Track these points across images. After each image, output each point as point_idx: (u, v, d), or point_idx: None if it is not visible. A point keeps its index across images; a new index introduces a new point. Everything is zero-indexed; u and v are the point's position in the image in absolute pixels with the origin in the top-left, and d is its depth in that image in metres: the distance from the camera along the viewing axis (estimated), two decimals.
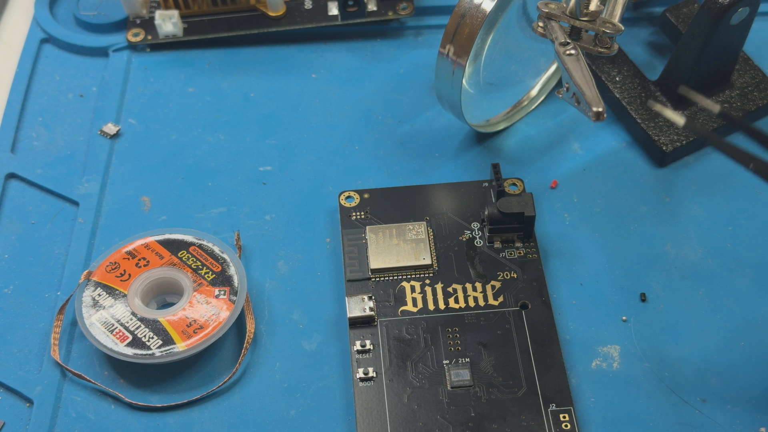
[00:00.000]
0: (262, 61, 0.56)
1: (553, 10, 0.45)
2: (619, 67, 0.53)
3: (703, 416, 0.41)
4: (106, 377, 0.43)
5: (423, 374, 0.42)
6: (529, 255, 0.46)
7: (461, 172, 0.51)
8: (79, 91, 0.55)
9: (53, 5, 0.59)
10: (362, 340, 0.43)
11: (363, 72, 0.56)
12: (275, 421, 0.42)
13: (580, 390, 0.42)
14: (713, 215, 0.48)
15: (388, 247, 0.46)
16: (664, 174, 0.50)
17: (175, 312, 0.44)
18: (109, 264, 0.45)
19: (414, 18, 0.57)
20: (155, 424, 0.42)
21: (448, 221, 0.48)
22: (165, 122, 0.53)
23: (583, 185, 0.50)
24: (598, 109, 0.42)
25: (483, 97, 0.51)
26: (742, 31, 0.49)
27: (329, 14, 0.57)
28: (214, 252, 0.46)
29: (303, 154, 0.52)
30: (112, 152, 0.52)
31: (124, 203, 0.50)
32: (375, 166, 0.51)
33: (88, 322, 0.43)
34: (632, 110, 0.51)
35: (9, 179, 0.51)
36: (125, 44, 0.57)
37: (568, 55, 0.43)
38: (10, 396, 0.43)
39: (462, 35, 0.45)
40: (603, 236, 0.48)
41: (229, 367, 0.44)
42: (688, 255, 0.47)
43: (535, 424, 0.40)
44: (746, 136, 0.39)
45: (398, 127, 0.53)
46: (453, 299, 0.45)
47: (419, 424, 0.41)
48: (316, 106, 0.54)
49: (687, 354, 0.43)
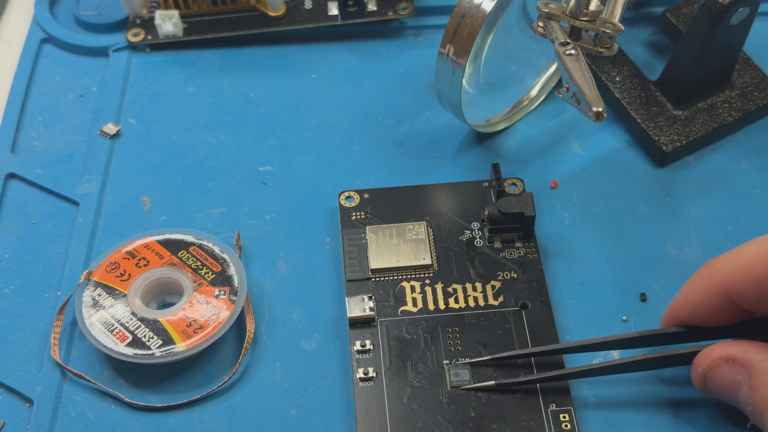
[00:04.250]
0: (262, 61, 0.56)
1: (553, 10, 0.45)
2: (619, 67, 0.53)
3: (703, 416, 0.41)
4: (106, 377, 0.43)
5: (423, 374, 0.42)
6: (529, 255, 0.46)
7: (461, 172, 0.51)
8: (79, 91, 0.55)
9: (53, 5, 0.59)
10: (362, 340, 0.43)
11: (363, 72, 0.56)
12: (275, 421, 0.42)
13: (580, 390, 0.42)
14: (713, 215, 0.48)
15: (388, 247, 0.46)
16: (664, 174, 0.50)
17: (175, 312, 0.44)
18: (109, 264, 0.45)
19: (414, 18, 0.57)
20: (155, 424, 0.42)
21: (448, 221, 0.48)
22: (165, 122, 0.53)
23: (583, 185, 0.50)
24: (598, 109, 0.42)
25: (483, 97, 0.51)
26: (742, 31, 0.49)
27: (329, 14, 0.57)
28: (214, 252, 0.46)
29: (303, 154, 0.52)
30: (112, 152, 0.52)
31: (124, 203, 0.50)
32: (375, 166, 0.51)
33: (88, 322, 0.43)
34: (632, 110, 0.51)
35: (9, 179, 0.51)
36: (125, 44, 0.57)
37: (568, 55, 0.43)
38: (10, 396, 0.43)
39: (462, 35, 0.45)
40: (603, 236, 0.48)
41: (229, 367, 0.44)
42: (688, 255, 0.47)
43: (535, 424, 0.40)
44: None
45: (398, 127, 0.53)
46: (453, 299, 0.45)
47: (419, 424, 0.41)
48: (316, 106, 0.54)
49: None
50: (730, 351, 0.38)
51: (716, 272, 0.38)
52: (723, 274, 0.37)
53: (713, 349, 0.38)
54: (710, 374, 0.38)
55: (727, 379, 0.38)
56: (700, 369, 0.39)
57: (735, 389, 0.37)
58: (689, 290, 0.39)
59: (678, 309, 0.40)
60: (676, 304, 0.40)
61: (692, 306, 0.39)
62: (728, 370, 0.37)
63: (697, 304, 0.39)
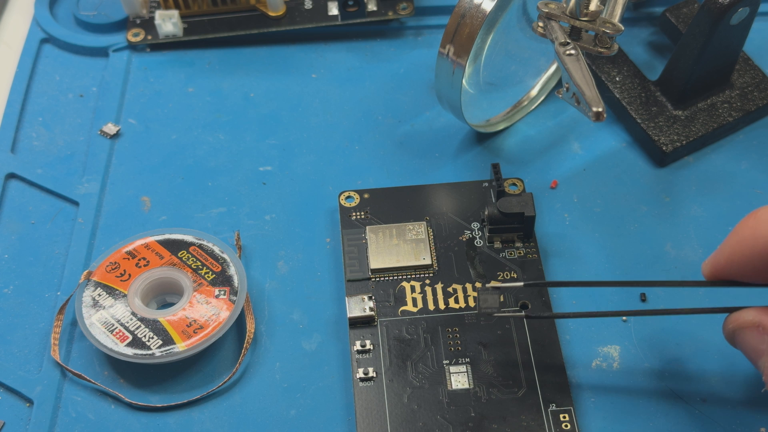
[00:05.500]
0: (262, 61, 0.56)
1: (553, 10, 0.45)
2: (619, 67, 0.53)
3: (703, 416, 0.42)
4: (106, 377, 0.43)
5: (423, 374, 0.42)
6: (529, 255, 0.46)
7: (461, 172, 0.51)
8: (79, 91, 0.55)
9: (53, 5, 0.59)
10: (362, 340, 0.43)
11: (363, 72, 0.56)
12: (275, 421, 0.42)
13: (580, 390, 0.42)
14: (713, 215, 0.48)
15: (388, 247, 0.46)
16: (664, 174, 0.50)
17: (175, 312, 0.44)
18: (109, 264, 0.45)
19: (414, 18, 0.57)
20: (155, 424, 0.42)
21: (448, 221, 0.48)
22: (165, 122, 0.53)
23: (583, 185, 0.50)
24: (598, 109, 0.42)
25: (483, 97, 0.51)
26: (742, 31, 0.49)
27: (329, 14, 0.57)
28: (214, 252, 0.46)
29: (303, 154, 0.52)
30: (112, 152, 0.52)
31: (124, 203, 0.50)
32: (375, 166, 0.51)
33: (88, 322, 0.43)
34: (632, 110, 0.51)
35: (9, 179, 0.51)
36: (125, 44, 0.57)
37: (568, 55, 0.43)
38: (10, 396, 0.43)
39: (462, 35, 0.45)
40: (603, 236, 0.48)
41: (229, 367, 0.44)
42: (688, 255, 0.47)
43: (535, 424, 0.40)
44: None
45: (398, 127, 0.53)
46: (453, 299, 0.45)
47: (419, 424, 0.41)
48: (316, 106, 0.54)
49: (687, 354, 0.43)
50: (762, 319, 0.38)
51: (759, 236, 0.37)
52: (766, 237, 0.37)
53: (747, 312, 0.39)
54: (738, 333, 0.39)
55: (752, 344, 0.38)
56: (730, 326, 0.39)
57: (757, 355, 0.38)
58: (732, 250, 0.39)
59: (721, 268, 0.39)
60: (719, 263, 0.39)
61: (737, 266, 0.39)
62: (755, 336, 0.38)
63: (742, 266, 0.38)
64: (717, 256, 0.40)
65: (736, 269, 0.39)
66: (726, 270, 0.39)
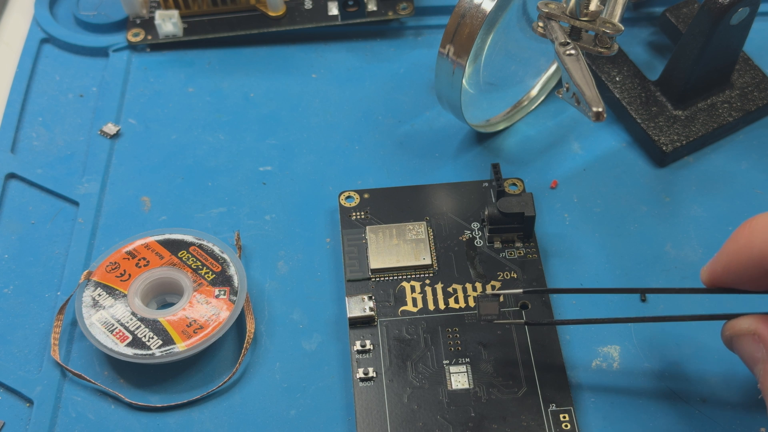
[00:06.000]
0: (262, 61, 0.56)
1: (553, 10, 0.45)
2: (619, 67, 0.53)
3: (703, 416, 0.42)
4: (106, 377, 0.43)
5: (423, 374, 0.42)
6: (529, 255, 0.46)
7: (461, 172, 0.51)
8: (79, 91, 0.55)
9: (53, 5, 0.59)
10: (362, 340, 0.43)
11: (363, 72, 0.56)
12: (275, 421, 0.42)
13: (580, 390, 0.42)
14: (713, 215, 0.48)
15: (388, 247, 0.46)
16: (664, 174, 0.50)
17: (175, 312, 0.44)
18: (109, 264, 0.45)
19: (414, 18, 0.57)
20: (155, 424, 0.42)
21: (448, 221, 0.48)
22: (165, 122, 0.53)
23: (583, 185, 0.50)
24: (598, 109, 0.42)
25: (483, 97, 0.51)
26: (742, 31, 0.49)
27: (329, 14, 0.57)
28: (214, 252, 0.46)
29: (303, 154, 0.52)
30: (112, 152, 0.52)
31: (124, 203, 0.50)
32: (375, 166, 0.51)
33: (88, 322, 0.43)
34: (632, 110, 0.51)
35: (9, 179, 0.51)
36: (125, 44, 0.57)
37: (568, 55, 0.43)
38: (10, 396, 0.43)
39: (462, 35, 0.45)
40: (603, 236, 0.48)
41: (229, 367, 0.44)
42: (688, 255, 0.47)
43: (535, 424, 0.40)
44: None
45: (398, 127, 0.53)
46: (453, 299, 0.45)
47: (419, 424, 0.41)
48: (316, 106, 0.54)
49: (687, 354, 0.43)
50: (757, 327, 0.38)
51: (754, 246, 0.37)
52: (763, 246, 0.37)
53: (744, 320, 0.39)
54: (735, 341, 0.39)
55: (748, 352, 0.38)
56: (727, 333, 0.39)
57: (754, 363, 0.38)
58: (728, 260, 0.39)
59: (719, 276, 0.40)
60: (716, 271, 0.40)
61: (734, 275, 0.39)
62: (751, 344, 0.38)
63: (739, 275, 0.39)
64: (714, 264, 0.40)
65: (732, 277, 0.39)
66: (723, 278, 0.39)
